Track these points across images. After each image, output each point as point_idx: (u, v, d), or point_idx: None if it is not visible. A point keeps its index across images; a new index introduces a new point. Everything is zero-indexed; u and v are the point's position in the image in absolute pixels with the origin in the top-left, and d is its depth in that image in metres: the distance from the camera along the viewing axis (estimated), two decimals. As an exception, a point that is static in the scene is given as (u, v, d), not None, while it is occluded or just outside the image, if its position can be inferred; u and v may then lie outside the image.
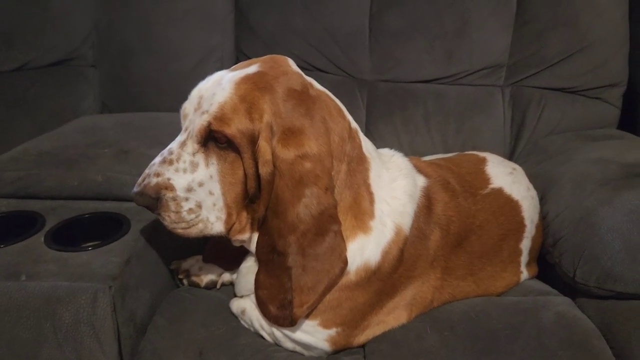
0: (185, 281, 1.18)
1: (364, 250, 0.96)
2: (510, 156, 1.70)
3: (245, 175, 0.91)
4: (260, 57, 0.99)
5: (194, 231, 0.95)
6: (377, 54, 1.75)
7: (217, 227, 0.95)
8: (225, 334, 1.03)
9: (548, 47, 1.67)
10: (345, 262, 0.92)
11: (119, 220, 1.16)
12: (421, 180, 1.09)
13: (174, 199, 0.91)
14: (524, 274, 1.23)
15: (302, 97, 0.91)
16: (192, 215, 0.93)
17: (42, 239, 1.10)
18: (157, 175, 0.92)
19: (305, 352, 1.02)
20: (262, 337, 1.04)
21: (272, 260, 0.92)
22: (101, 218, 1.19)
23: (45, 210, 1.20)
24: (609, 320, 1.06)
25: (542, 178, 1.36)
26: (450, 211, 1.08)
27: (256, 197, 0.93)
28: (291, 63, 0.98)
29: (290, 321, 0.93)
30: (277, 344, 1.03)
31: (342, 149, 0.94)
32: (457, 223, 1.08)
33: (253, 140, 0.88)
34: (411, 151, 1.68)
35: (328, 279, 0.91)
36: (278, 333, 1.01)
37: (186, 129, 0.93)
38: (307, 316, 0.96)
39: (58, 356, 0.94)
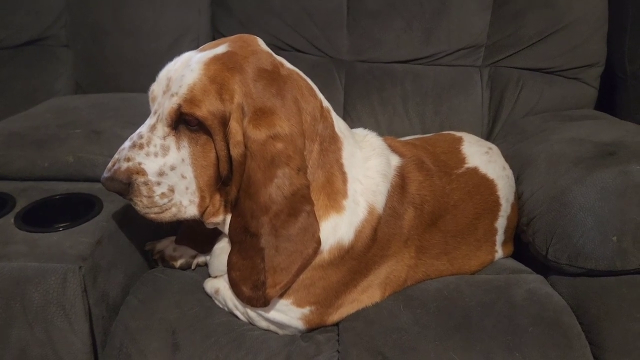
0: (159, 262, 1.17)
1: (337, 229, 0.96)
2: (488, 137, 1.70)
3: (218, 157, 0.90)
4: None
5: (167, 215, 0.94)
6: (355, 34, 1.73)
7: (190, 210, 0.95)
8: (198, 314, 1.03)
9: (526, 27, 1.66)
10: (319, 242, 0.92)
11: (91, 201, 1.15)
12: (395, 160, 1.09)
13: (146, 183, 0.90)
14: (499, 253, 1.24)
15: (273, 77, 0.90)
16: (165, 200, 0.92)
17: (12, 220, 1.09)
18: (128, 159, 0.90)
19: (280, 331, 1.02)
20: (236, 316, 1.04)
21: (245, 242, 0.92)
22: (72, 199, 1.17)
23: (16, 192, 1.18)
24: (580, 297, 1.07)
25: (518, 158, 1.37)
26: (425, 190, 1.08)
27: (229, 179, 0.92)
28: (260, 42, 0.96)
29: (263, 301, 0.93)
30: (251, 323, 1.03)
31: (314, 129, 0.94)
32: (431, 202, 1.09)
33: (224, 121, 0.87)
34: (389, 132, 1.68)
35: (301, 259, 0.91)
36: (252, 312, 1.00)
37: (155, 112, 0.91)
38: (280, 295, 0.96)
39: (28, 336, 0.93)
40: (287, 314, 0.99)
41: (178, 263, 1.17)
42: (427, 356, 0.95)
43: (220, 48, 0.92)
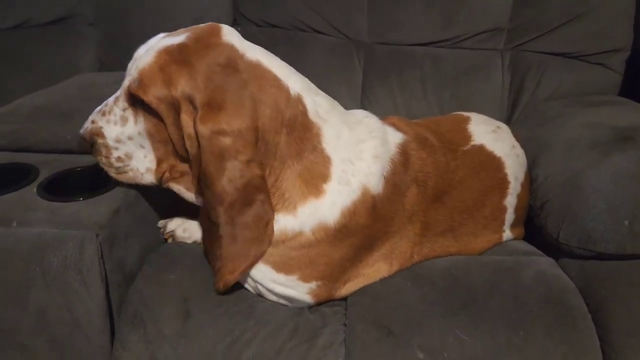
0: (170, 241, 1.20)
1: (317, 212, 0.97)
2: (508, 121, 1.68)
3: (171, 139, 0.95)
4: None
5: (125, 177, 1.05)
6: (375, 15, 1.72)
7: (147, 177, 1.04)
8: (210, 284, 1.05)
9: (550, 10, 1.63)
10: (272, 229, 0.96)
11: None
12: (398, 137, 1.09)
13: (105, 145, 1.01)
14: (507, 232, 1.24)
15: (225, 71, 0.91)
16: (121, 164, 1.02)
17: (35, 189, 1.12)
18: (93, 122, 1.01)
19: (289, 305, 1.05)
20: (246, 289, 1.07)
21: (209, 228, 0.98)
22: (93, 171, 1.20)
23: (39, 163, 1.22)
24: (589, 280, 1.07)
25: (535, 142, 1.36)
26: (428, 167, 1.09)
27: (187, 157, 0.97)
28: (225, 33, 0.96)
29: (223, 286, 0.98)
30: (260, 296, 1.06)
31: (277, 121, 0.94)
32: (434, 178, 1.09)
33: (174, 108, 0.91)
34: (407, 115, 1.68)
35: (258, 245, 0.95)
36: (261, 288, 1.03)
37: (122, 86, 0.97)
38: (285, 273, 0.99)
39: (46, 299, 0.97)
40: (295, 289, 1.01)
41: (188, 244, 1.19)
42: (432, 332, 0.96)
43: (178, 38, 0.94)
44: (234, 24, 1.80)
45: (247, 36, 1.00)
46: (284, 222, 0.97)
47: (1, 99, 1.61)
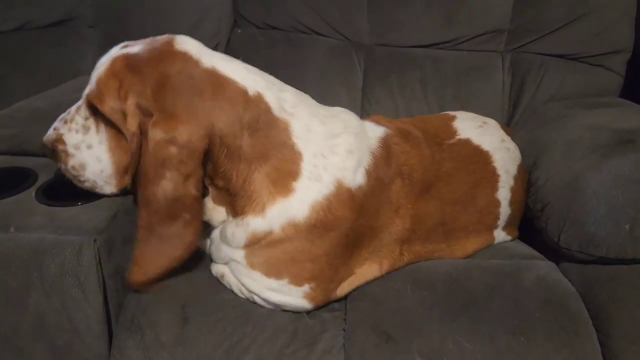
0: None
1: (285, 211, 0.96)
2: (508, 122, 1.68)
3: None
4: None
5: (84, 186, 1.04)
6: (375, 17, 1.72)
7: (107, 189, 1.04)
8: (208, 290, 1.05)
9: (551, 11, 1.63)
10: (187, 250, 0.96)
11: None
12: (379, 131, 1.09)
13: (64, 151, 1.01)
14: (500, 232, 1.25)
15: (178, 80, 0.91)
16: (76, 173, 1.02)
17: (33, 194, 1.12)
18: (55, 129, 1.02)
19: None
20: (243, 297, 1.07)
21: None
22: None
23: (38, 167, 1.21)
24: (590, 284, 1.07)
25: (536, 144, 1.35)
26: (413, 160, 1.09)
27: None
28: (179, 42, 0.96)
29: (134, 285, 0.98)
30: (257, 304, 1.05)
31: (236, 125, 0.93)
32: (420, 171, 1.09)
33: (125, 117, 0.92)
34: (407, 116, 1.67)
35: (168, 260, 0.96)
36: (257, 298, 1.03)
37: (83, 95, 0.98)
38: (275, 277, 1.00)
39: (45, 304, 0.97)
40: (289, 294, 1.01)
41: None
42: (432, 337, 0.96)
43: (134, 48, 0.95)
44: (234, 26, 1.80)
45: (248, 38, 1.01)
46: (253, 225, 0.97)
47: (1, 100, 1.62)
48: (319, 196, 0.98)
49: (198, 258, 1.13)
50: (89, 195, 1.11)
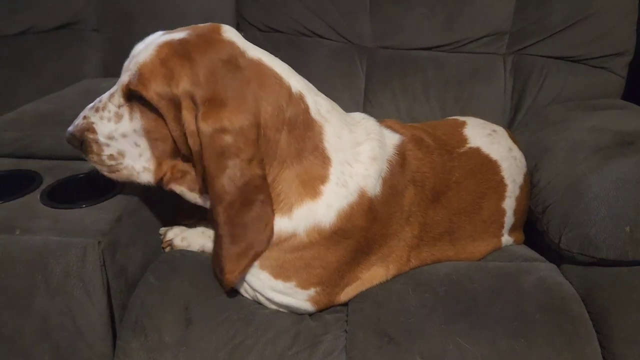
0: (167, 249, 1.20)
1: (313, 214, 0.97)
2: (510, 124, 1.69)
3: (172, 136, 0.94)
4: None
5: (118, 176, 1.01)
6: (377, 20, 1.73)
7: (144, 176, 1.00)
8: (211, 292, 1.06)
9: (552, 14, 1.64)
10: (272, 230, 0.95)
11: (113, 180, 1.19)
12: (395, 139, 1.09)
13: (95, 141, 0.97)
14: (506, 237, 1.24)
15: (227, 67, 0.91)
16: (113, 162, 0.99)
17: (38, 196, 1.13)
18: (84, 118, 0.98)
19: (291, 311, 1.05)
20: (247, 297, 1.07)
21: (214, 228, 0.97)
22: (96, 178, 1.20)
23: (43, 170, 1.23)
24: (590, 286, 1.07)
25: (537, 146, 1.36)
26: (425, 167, 1.09)
27: (189, 156, 0.95)
28: (225, 31, 0.96)
29: (225, 286, 0.99)
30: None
31: (279, 118, 0.93)
32: (431, 179, 1.09)
33: (175, 104, 0.90)
34: (409, 119, 1.69)
35: (257, 245, 0.95)
36: (261, 297, 1.04)
37: (118, 83, 0.96)
38: (282, 279, 1.00)
39: (49, 306, 0.98)
40: (294, 296, 1.02)
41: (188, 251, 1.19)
42: (433, 339, 0.96)
43: (180, 34, 0.94)
44: (237, 29, 1.80)
45: (250, 41, 1.01)
46: (279, 224, 0.97)
47: (6, 104, 1.63)
48: (344, 203, 0.98)
49: (201, 262, 1.13)
50: (93, 198, 1.12)
